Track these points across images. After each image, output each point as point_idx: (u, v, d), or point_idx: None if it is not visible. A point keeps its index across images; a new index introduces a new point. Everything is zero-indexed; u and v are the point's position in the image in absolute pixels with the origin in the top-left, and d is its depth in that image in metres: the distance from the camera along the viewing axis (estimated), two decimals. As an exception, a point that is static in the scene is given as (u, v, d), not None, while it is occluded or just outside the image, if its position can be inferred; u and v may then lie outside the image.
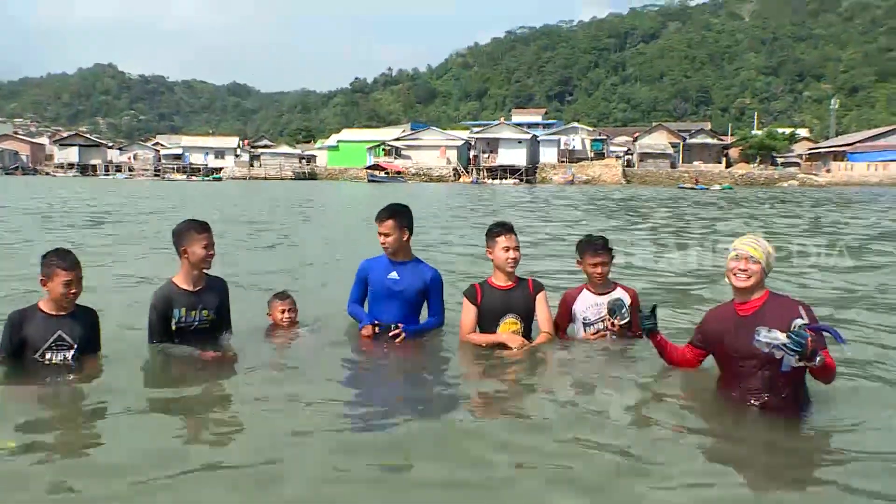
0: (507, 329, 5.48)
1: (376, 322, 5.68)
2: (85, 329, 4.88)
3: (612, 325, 5.30)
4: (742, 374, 4.16)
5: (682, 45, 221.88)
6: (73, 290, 4.70)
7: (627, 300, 5.33)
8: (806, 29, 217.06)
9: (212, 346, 5.21)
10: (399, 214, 5.64)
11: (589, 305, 5.53)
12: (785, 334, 3.71)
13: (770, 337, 3.75)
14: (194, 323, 5.22)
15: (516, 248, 5.48)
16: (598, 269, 5.45)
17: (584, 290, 5.59)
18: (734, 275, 4.17)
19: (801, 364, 3.76)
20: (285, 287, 6.77)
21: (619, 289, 5.58)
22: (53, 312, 4.77)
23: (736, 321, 4.16)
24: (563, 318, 5.65)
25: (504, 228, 5.53)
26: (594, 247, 5.48)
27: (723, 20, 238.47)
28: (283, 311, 6.07)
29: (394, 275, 5.67)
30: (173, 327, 5.15)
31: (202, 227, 5.20)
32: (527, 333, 5.52)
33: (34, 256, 5.43)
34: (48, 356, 4.73)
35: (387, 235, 5.59)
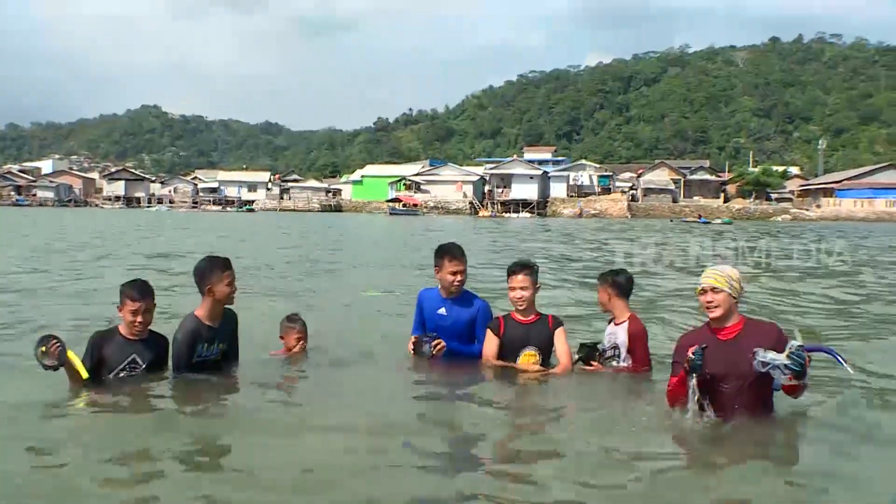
0: (527, 360, 5.44)
1: (421, 337, 5.62)
2: (155, 354, 4.96)
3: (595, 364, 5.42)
4: (722, 396, 4.14)
5: (682, 89, 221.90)
6: (139, 319, 4.74)
7: (625, 337, 5.35)
8: (794, 75, 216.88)
9: (218, 376, 5.12)
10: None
11: (607, 334, 5.56)
12: (785, 355, 3.78)
13: (769, 357, 3.83)
14: (211, 357, 5.10)
15: (523, 288, 5.40)
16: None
17: (612, 321, 5.55)
18: (706, 308, 4.17)
19: (792, 383, 3.87)
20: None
21: (629, 321, 5.45)
22: (130, 337, 4.81)
23: (717, 345, 4.09)
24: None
25: (519, 268, 5.49)
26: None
27: (719, 66, 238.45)
28: (298, 339, 5.87)
29: (442, 311, 5.64)
30: (193, 360, 5.01)
31: (225, 265, 5.08)
32: (545, 365, 5.52)
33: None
34: (121, 377, 4.82)
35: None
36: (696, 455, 4.05)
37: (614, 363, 5.48)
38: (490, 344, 5.57)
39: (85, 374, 4.62)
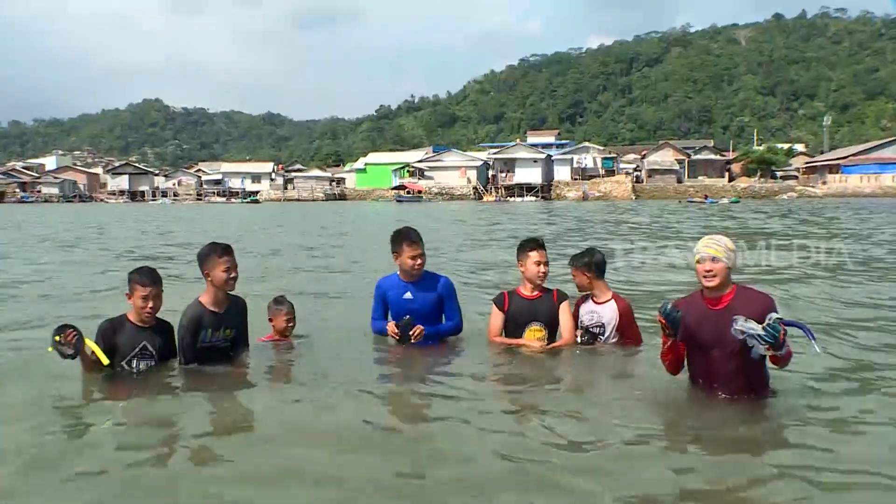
0: (532, 336, 5.51)
1: (397, 322, 5.60)
2: (163, 340, 5.03)
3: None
4: (711, 364, 4.24)
5: (685, 69, 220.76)
6: (150, 305, 4.81)
7: (615, 315, 5.47)
8: (798, 52, 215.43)
9: (227, 363, 5.14)
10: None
11: (587, 311, 5.59)
12: (762, 326, 3.85)
13: (746, 326, 3.91)
14: (217, 343, 5.12)
15: (546, 263, 5.55)
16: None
17: (590, 297, 5.63)
18: (703, 277, 4.18)
19: (770, 353, 3.94)
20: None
21: (613, 300, 5.54)
22: (139, 324, 4.87)
23: (707, 314, 4.18)
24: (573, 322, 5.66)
25: (536, 244, 5.59)
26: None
27: (721, 45, 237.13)
28: (287, 321, 5.82)
29: (408, 294, 5.66)
30: (198, 345, 5.04)
31: (224, 251, 5.09)
32: (551, 341, 5.58)
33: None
34: (134, 364, 4.88)
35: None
36: (682, 430, 4.08)
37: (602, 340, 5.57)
38: (496, 319, 5.64)
39: (106, 361, 4.71)
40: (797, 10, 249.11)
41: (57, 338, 4.53)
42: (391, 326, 5.60)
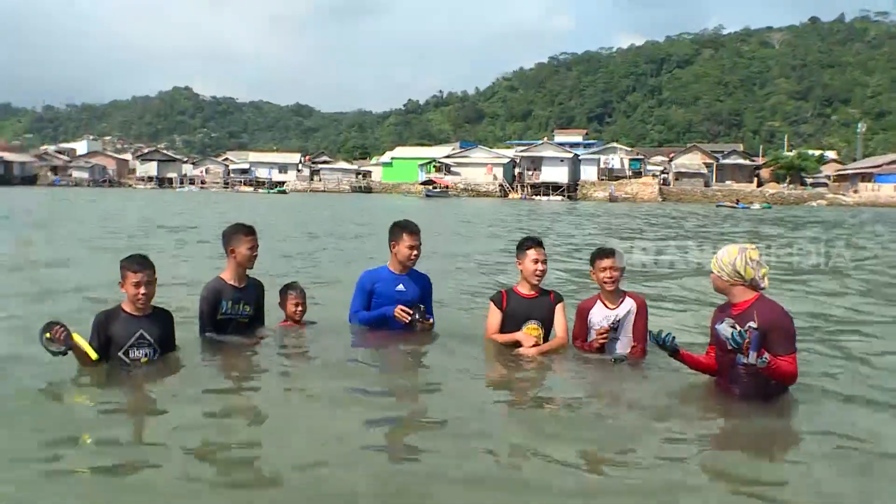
0: (529, 333, 5.59)
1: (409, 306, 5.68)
2: (161, 329, 5.04)
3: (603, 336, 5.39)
4: (729, 363, 4.35)
5: (716, 71, 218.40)
6: (142, 291, 4.80)
7: (634, 309, 5.42)
8: (834, 56, 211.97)
9: (248, 336, 5.49)
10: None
11: (602, 317, 5.50)
12: (731, 331, 4.06)
13: (721, 328, 4.18)
14: (237, 316, 5.43)
15: (544, 262, 5.65)
16: (606, 275, 5.41)
17: (598, 302, 5.57)
18: None
19: (745, 362, 4.00)
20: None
21: (627, 298, 5.52)
22: (134, 313, 4.89)
23: (729, 318, 4.34)
24: (581, 328, 5.63)
25: (534, 242, 5.71)
26: (602, 254, 5.48)
27: (754, 47, 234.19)
28: (296, 305, 5.97)
29: (401, 287, 5.78)
30: (218, 317, 5.34)
31: (249, 231, 5.50)
32: (546, 340, 5.67)
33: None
34: (131, 354, 4.88)
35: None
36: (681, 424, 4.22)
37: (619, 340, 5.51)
38: (493, 317, 5.75)
39: (94, 356, 4.68)
40: (835, 14, 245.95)
41: (47, 335, 4.50)
42: (399, 310, 5.63)
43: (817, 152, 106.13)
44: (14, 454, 3.52)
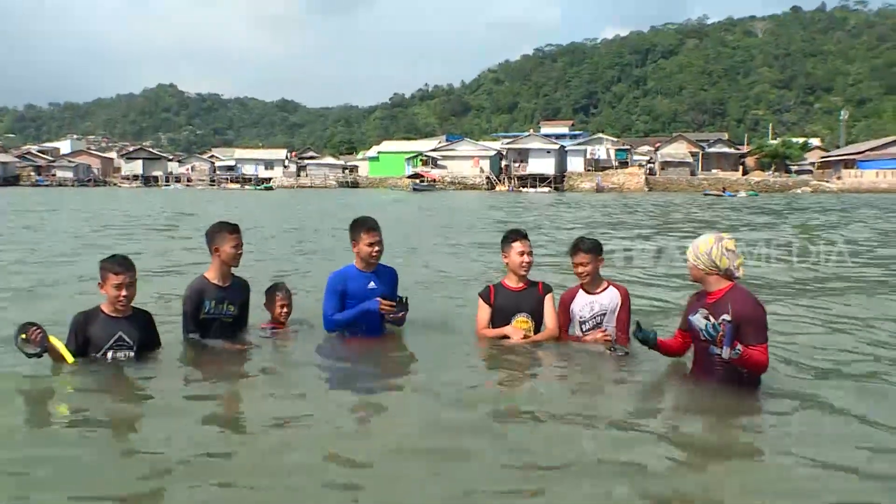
0: (519, 326, 5.58)
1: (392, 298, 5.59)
2: (141, 330, 4.94)
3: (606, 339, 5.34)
4: (703, 352, 4.43)
5: (700, 61, 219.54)
6: (124, 293, 4.75)
7: (618, 300, 5.44)
8: (816, 45, 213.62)
9: (232, 341, 5.37)
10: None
11: (583, 305, 5.50)
12: (706, 323, 4.11)
13: (696, 319, 4.21)
14: (220, 316, 5.35)
15: (529, 253, 5.62)
16: (579, 269, 5.45)
17: (580, 290, 5.56)
18: None
19: (718, 353, 4.08)
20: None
21: (610, 287, 5.53)
22: (113, 314, 4.83)
23: (704, 307, 4.35)
24: (563, 318, 5.62)
25: (519, 235, 5.65)
26: (577, 248, 5.48)
27: (737, 37, 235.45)
28: (282, 306, 5.89)
29: (372, 284, 5.61)
30: (201, 317, 5.27)
31: (233, 229, 5.40)
32: (537, 331, 5.63)
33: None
34: (109, 355, 4.78)
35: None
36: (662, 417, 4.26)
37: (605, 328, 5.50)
38: (483, 312, 5.69)
39: (71, 359, 4.57)
40: (816, 3, 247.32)
41: (22, 336, 4.39)
42: (384, 303, 5.45)
43: (801, 140, 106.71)
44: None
